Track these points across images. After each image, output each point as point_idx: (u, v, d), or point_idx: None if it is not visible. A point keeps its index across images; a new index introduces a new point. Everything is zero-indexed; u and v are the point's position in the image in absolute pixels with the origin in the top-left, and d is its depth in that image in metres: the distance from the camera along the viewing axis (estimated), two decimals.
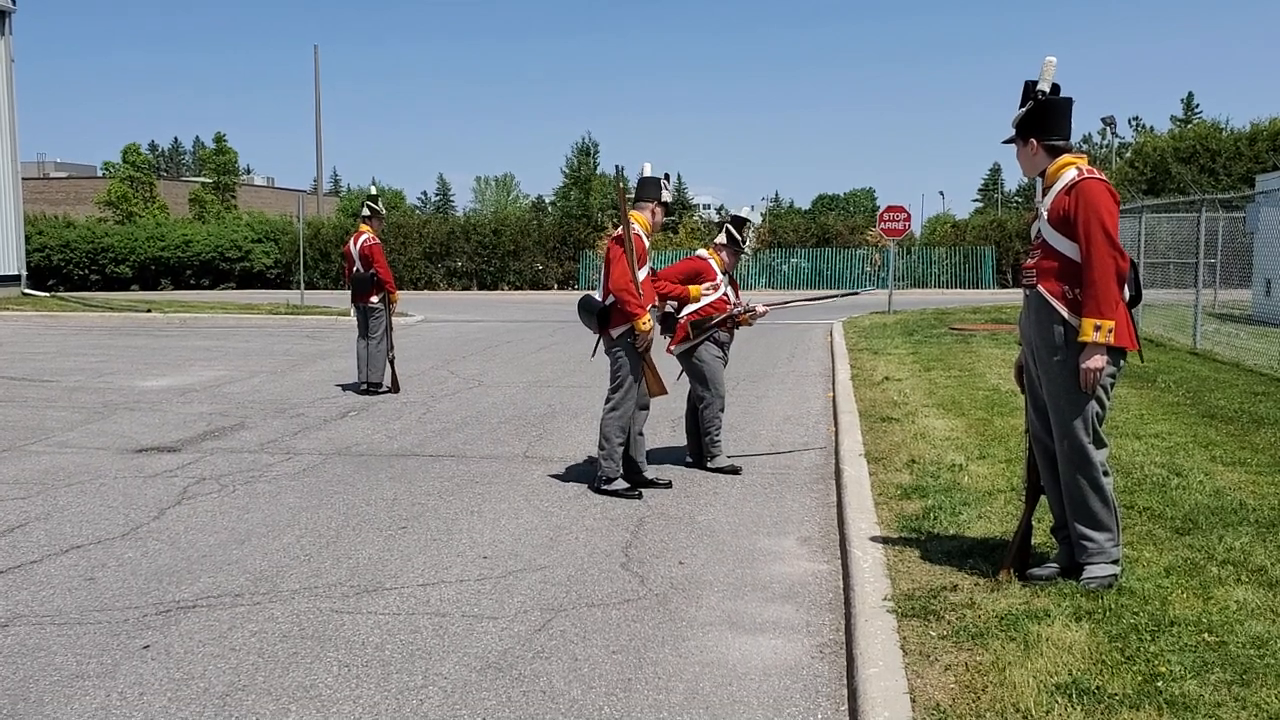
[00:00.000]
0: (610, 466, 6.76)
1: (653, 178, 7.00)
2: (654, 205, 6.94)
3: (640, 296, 6.60)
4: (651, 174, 7.03)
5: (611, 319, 6.70)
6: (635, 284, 6.59)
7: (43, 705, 3.73)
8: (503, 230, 39.47)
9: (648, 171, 7.06)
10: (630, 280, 6.58)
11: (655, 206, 6.94)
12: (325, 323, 20.92)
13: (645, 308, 6.63)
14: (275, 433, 8.91)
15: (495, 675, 4.00)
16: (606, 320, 6.72)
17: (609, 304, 6.70)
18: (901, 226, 24.88)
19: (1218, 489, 6.18)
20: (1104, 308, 4.31)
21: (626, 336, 6.70)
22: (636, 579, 5.13)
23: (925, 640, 4.02)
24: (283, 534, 5.87)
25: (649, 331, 6.65)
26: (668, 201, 7.02)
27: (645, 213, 6.93)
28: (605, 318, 6.71)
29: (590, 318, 6.77)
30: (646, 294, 6.71)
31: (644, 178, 7.07)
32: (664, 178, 7.07)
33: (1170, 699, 3.42)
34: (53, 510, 6.36)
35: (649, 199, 6.95)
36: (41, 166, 73.70)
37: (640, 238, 6.76)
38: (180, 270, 38.30)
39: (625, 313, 6.61)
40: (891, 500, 6.17)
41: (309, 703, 3.75)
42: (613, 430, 6.75)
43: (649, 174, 7.04)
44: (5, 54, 25.90)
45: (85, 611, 4.65)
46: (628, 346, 6.72)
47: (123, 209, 51.17)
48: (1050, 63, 4.54)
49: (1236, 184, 37.46)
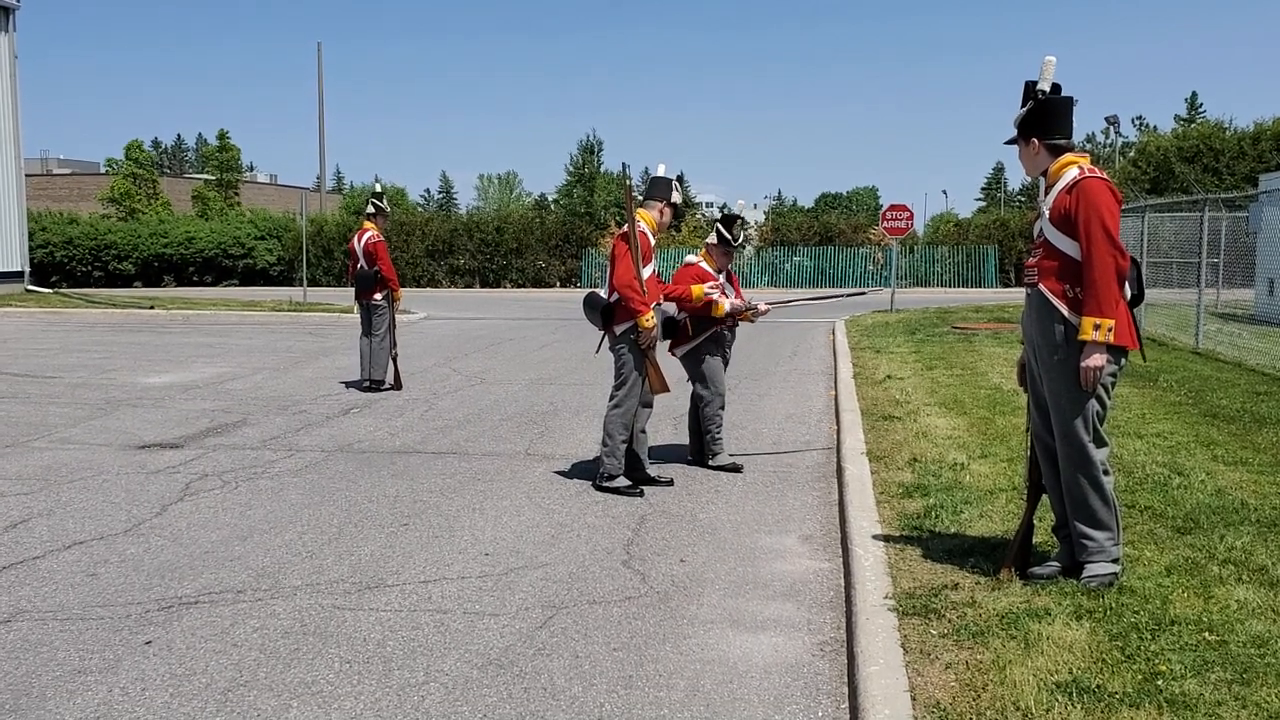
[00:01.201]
0: (612, 464, 6.77)
1: (665, 178, 7.01)
2: (663, 205, 6.94)
3: (644, 294, 6.60)
4: (664, 174, 7.03)
5: (615, 316, 6.71)
6: (639, 281, 6.59)
7: (45, 700, 3.75)
8: (506, 228, 39.47)
9: (661, 172, 7.07)
10: (634, 277, 6.58)
11: (664, 206, 6.94)
12: (328, 320, 20.94)
13: (649, 305, 6.63)
14: (278, 429, 8.92)
15: (496, 672, 4.00)
16: (610, 317, 6.73)
17: (613, 301, 6.72)
18: (904, 225, 24.87)
19: (1219, 488, 6.18)
20: (1104, 306, 4.31)
21: (630, 334, 6.71)
22: (638, 576, 5.14)
23: (926, 638, 4.02)
24: (285, 530, 5.88)
25: (652, 329, 6.66)
26: (677, 203, 7.02)
27: (654, 211, 6.93)
28: (609, 314, 6.73)
29: (595, 314, 6.79)
30: (651, 292, 6.71)
31: (656, 177, 7.08)
32: (676, 180, 7.06)
33: (1170, 698, 3.43)
34: (55, 506, 6.37)
35: (658, 198, 6.95)
36: (45, 163, 73.79)
37: (646, 235, 6.77)
38: (183, 267, 38.33)
39: (629, 310, 6.62)
40: (893, 499, 6.18)
41: (311, 699, 3.76)
42: (616, 427, 6.76)
43: (662, 174, 7.04)
44: (9, 50, 25.93)
45: (88, 607, 4.67)
46: (631, 344, 6.73)
47: (126, 206, 51.23)
48: (1050, 62, 4.54)
49: (1240, 183, 37.39)
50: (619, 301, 6.67)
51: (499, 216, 42.86)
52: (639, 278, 6.59)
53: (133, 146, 56.01)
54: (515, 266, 39.11)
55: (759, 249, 40.38)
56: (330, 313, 21.76)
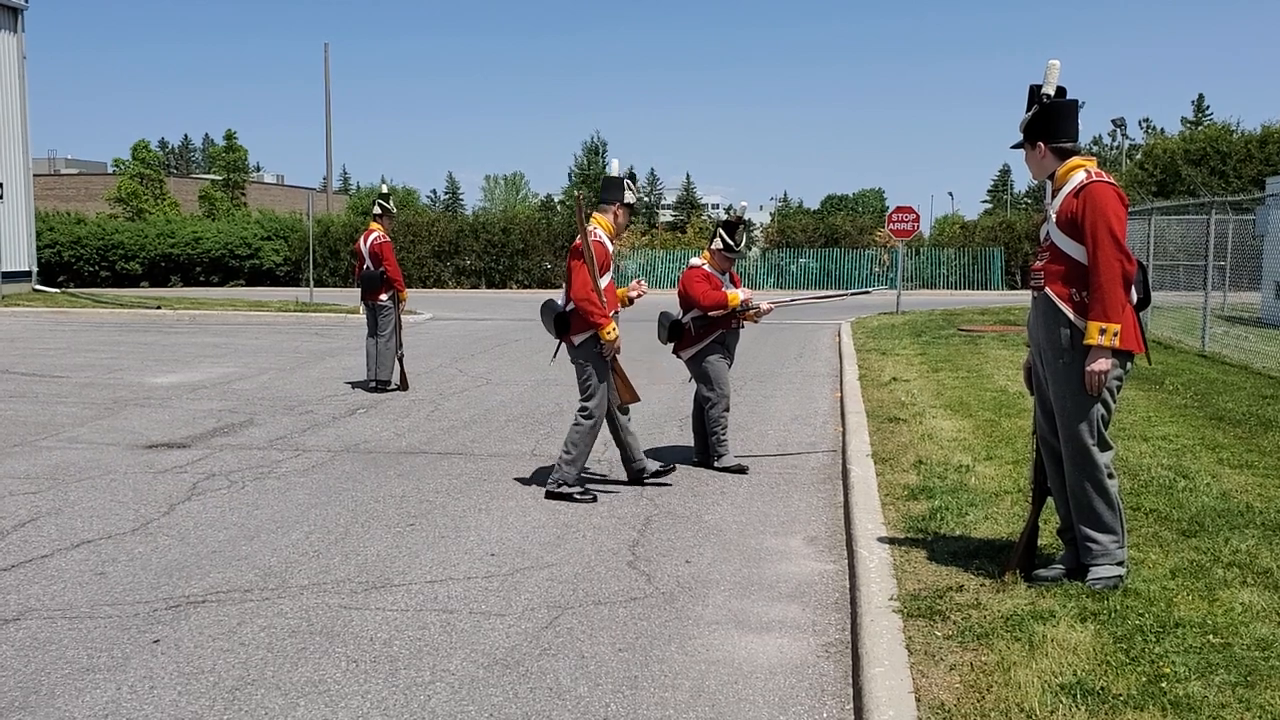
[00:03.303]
0: (569, 472, 6.61)
1: (616, 178, 6.80)
2: (616, 207, 6.77)
3: (603, 305, 6.47)
4: (616, 173, 6.83)
5: (572, 325, 6.59)
6: (597, 293, 6.45)
7: (54, 698, 3.77)
8: (512, 229, 39.49)
9: (614, 170, 6.86)
10: (591, 289, 6.44)
11: (618, 209, 6.77)
12: (334, 320, 20.98)
13: (609, 316, 6.51)
14: (284, 429, 8.95)
15: (502, 672, 4.02)
16: (566, 326, 6.61)
17: (568, 310, 6.60)
18: (910, 227, 24.86)
19: (1224, 491, 6.18)
20: (1110, 311, 4.32)
21: (591, 345, 6.58)
22: (643, 577, 5.15)
23: (931, 640, 4.03)
24: (291, 530, 5.91)
25: (614, 340, 6.52)
26: (631, 203, 6.81)
27: (608, 215, 6.78)
28: (564, 323, 6.61)
29: (549, 320, 6.66)
30: (610, 301, 6.58)
31: (607, 178, 6.86)
32: (628, 178, 6.86)
33: (1175, 700, 3.43)
34: (63, 505, 6.40)
35: (611, 201, 6.77)
36: (52, 163, 74.01)
37: (602, 244, 6.61)
38: (190, 267, 38.40)
39: (589, 322, 6.49)
40: (898, 501, 6.19)
41: (317, 698, 3.78)
42: (583, 441, 6.60)
43: (614, 173, 6.83)
44: (17, 50, 26.00)
45: (96, 606, 4.69)
46: (594, 355, 6.60)
47: (133, 206, 51.39)
48: (1054, 65, 4.54)
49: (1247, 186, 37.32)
50: (573, 311, 6.57)
51: (505, 217, 42.88)
52: (596, 289, 6.45)
53: (140, 147, 56.16)
54: (521, 267, 39.13)
55: (764, 250, 40.38)
56: (337, 313, 21.80)
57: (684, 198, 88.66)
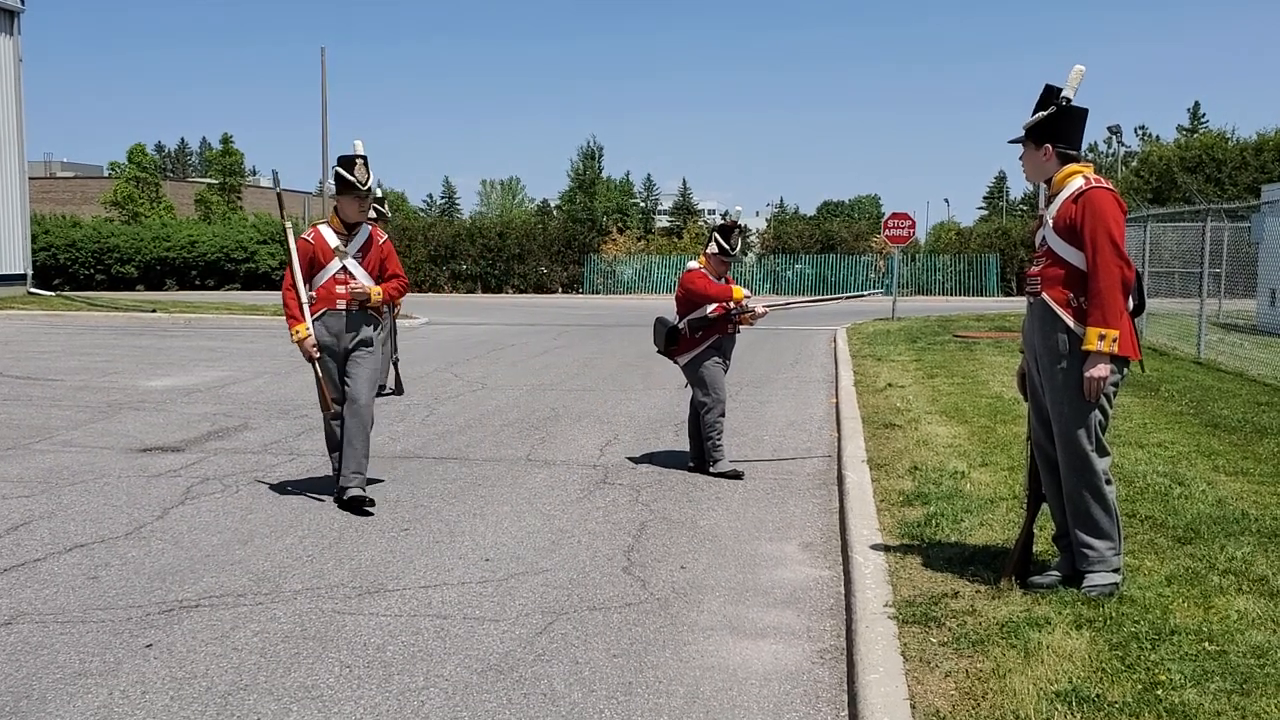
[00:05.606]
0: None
1: (342, 161, 6.47)
2: (341, 199, 6.52)
3: (304, 302, 6.47)
4: (352, 152, 6.51)
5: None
6: (295, 288, 6.48)
7: (45, 703, 3.75)
8: (508, 233, 39.54)
9: (359, 149, 6.56)
10: (289, 286, 6.50)
11: (341, 199, 6.51)
12: None
13: (303, 318, 6.47)
14: (279, 434, 8.93)
15: (496, 677, 4.01)
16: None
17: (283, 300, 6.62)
18: (906, 233, 24.91)
19: (1220, 498, 6.18)
20: (1109, 317, 4.32)
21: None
22: (638, 583, 5.14)
23: (926, 647, 4.03)
24: (285, 535, 5.89)
25: (305, 340, 6.51)
26: (353, 183, 6.38)
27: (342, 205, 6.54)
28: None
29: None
30: (322, 298, 6.53)
31: (340, 157, 6.53)
32: (358, 159, 6.43)
33: (1170, 707, 3.43)
34: (56, 509, 6.38)
35: (339, 191, 6.49)
36: (48, 166, 73.88)
37: (305, 241, 6.53)
38: (185, 271, 38.38)
39: (287, 316, 6.53)
40: (893, 507, 6.18)
41: (310, 703, 3.76)
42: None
43: (349, 154, 6.51)
44: (13, 53, 25.98)
45: (88, 610, 4.67)
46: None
47: (128, 209, 51.36)
48: (1079, 71, 4.55)
49: (1242, 194, 37.47)
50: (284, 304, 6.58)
51: (501, 222, 42.99)
52: (295, 285, 6.47)
53: (135, 150, 56.14)
54: (517, 272, 39.17)
55: (760, 256, 40.42)
56: None
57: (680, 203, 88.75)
